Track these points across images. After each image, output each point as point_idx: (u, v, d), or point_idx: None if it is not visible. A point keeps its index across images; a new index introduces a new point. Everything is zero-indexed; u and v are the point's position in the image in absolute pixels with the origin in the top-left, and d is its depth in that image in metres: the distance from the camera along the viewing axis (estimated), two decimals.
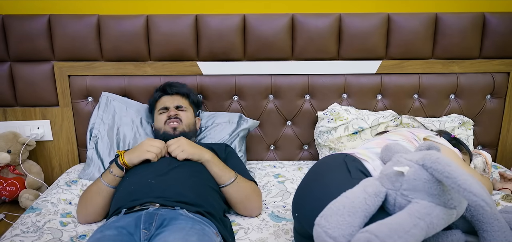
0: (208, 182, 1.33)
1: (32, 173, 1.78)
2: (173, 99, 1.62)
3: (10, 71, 1.78)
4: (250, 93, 1.82)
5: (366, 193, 0.80)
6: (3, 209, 1.73)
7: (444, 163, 0.73)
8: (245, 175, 1.44)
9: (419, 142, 1.29)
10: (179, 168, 1.33)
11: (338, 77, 1.82)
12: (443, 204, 0.76)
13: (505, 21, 1.75)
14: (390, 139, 1.29)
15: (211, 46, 1.76)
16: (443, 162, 0.73)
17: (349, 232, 0.75)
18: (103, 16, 1.73)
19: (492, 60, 1.80)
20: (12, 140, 1.74)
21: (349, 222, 0.76)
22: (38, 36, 1.73)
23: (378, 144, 1.22)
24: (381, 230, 0.70)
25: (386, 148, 1.03)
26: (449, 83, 1.82)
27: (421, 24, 1.75)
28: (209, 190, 1.31)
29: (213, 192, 1.32)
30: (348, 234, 0.75)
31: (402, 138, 1.29)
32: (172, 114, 1.55)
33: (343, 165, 1.08)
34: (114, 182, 1.33)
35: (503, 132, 1.88)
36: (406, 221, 0.72)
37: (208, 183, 1.33)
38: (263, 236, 1.28)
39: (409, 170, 0.80)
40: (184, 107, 1.60)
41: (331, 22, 1.75)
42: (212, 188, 1.33)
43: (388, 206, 0.83)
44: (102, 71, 1.79)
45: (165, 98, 1.62)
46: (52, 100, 1.82)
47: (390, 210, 0.83)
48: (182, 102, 1.61)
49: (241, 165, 1.49)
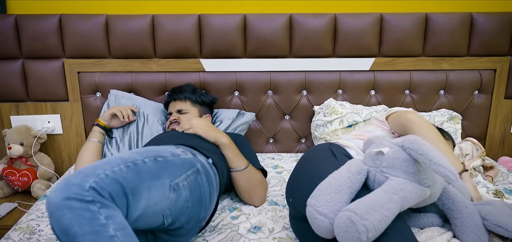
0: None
1: (44, 164, 1.86)
2: (175, 104, 1.71)
3: (23, 68, 1.86)
4: (250, 89, 1.90)
5: (350, 172, 0.89)
6: (16, 198, 1.82)
7: (419, 143, 0.82)
8: (256, 164, 1.52)
9: (385, 123, 1.39)
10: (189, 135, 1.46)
11: (333, 74, 1.90)
12: (418, 181, 0.85)
13: (492, 21, 1.83)
14: (366, 129, 1.40)
15: (213, 44, 1.84)
16: (419, 142, 0.83)
17: (337, 208, 0.84)
18: (111, 16, 1.81)
19: (479, 58, 1.88)
20: (24, 133, 1.82)
21: (336, 199, 0.85)
22: (50, 35, 1.81)
23: (357, 135, 1.33)
24: (359, 207, 0.79)
25: (369, 140, 1.12)
26: (439, 79, 1.90)
27: (412, 23, 1.83)
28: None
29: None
30: (336, 209, 0.84)
31: (375, 126, 1.41)
32: (172, 119, 1.66)
33: (329, 151, 1.17)
34: (99, 136, 1.64)
35: (490, 125, 1.97)
36: (382, 196, 0.81)
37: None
38: (262, 220, 1.37)
39: (389, 150, 0.89)
40: (184, 110, 1.68)
41: (327, 21, 1.83)
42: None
43: (369, 182, 0.93)
44: (110, 68, 1.87)
45: (171, 104, 1.74)
46: (62, 96, 1.90)
47: (371, 186, 0.92)
48: (182, 106, 1.69)
49: (253, 155, 1.57)
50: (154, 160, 0.97)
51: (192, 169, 1.10)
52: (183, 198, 1.02)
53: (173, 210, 0.98)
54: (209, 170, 1.21)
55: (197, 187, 1.09)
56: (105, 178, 0.78)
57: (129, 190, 0.82)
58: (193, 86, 1.76)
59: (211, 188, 1.18)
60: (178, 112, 1.67)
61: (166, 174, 0.97)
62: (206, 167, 1.20)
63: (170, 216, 0.99)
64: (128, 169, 0.86)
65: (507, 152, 2.01)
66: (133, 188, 0.84)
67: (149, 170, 0.92)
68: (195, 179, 1.09)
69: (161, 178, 0.94)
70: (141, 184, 0.86)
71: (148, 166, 0.92)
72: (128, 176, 0.84)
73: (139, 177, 0.87)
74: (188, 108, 1.68)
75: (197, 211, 1.10)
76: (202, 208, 1.12)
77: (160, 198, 0.92)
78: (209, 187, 1.16)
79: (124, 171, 0.84)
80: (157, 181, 0.92)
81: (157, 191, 0.91)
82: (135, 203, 0.83)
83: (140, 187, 0.86)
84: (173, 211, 0.98)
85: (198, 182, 1.10)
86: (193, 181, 1.08)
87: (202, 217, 1.14)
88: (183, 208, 1.02)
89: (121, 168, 0.84)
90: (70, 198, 0.73)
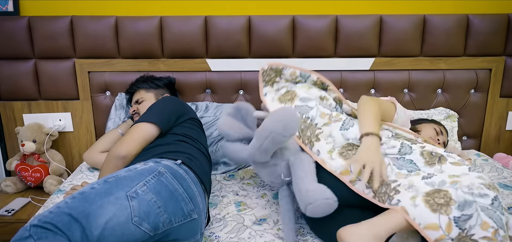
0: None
1: (55, 161, 1.92)
2: (133, 98, 1.78)
3: (35, 68, 1.92)
4: (255, 88, 1.92)
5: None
6: (29, 193, 1.89)
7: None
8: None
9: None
10: None
11: (335, 73, 1.96)
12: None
13: (487, 22, 1.89)
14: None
15: (219, 45, 1.90)
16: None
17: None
18: (121, 17, 1.87)
19: (475, 58, 1.94)
20: (37, 131, 1.88)
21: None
22: (61, 35, 1.87)
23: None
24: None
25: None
26: (436, 79, 1.96)
27: (410, 25, 1.89)
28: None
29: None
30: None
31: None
32: (131, 112, 1.73)
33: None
34: (125, 129, 1.75)
35: (486, 123, 2.03)
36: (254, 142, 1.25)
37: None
38: (267, 212, 1.44)
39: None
40: (140, 99, 1.73)
41: (329, 23, 1.89)
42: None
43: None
44: (119, 68, 1.93)
45: (132, 100, 1.80)
46: (73, 95, 1.96)
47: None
48: (138, 96, 1.74)
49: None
50: (103, 181, 1.06)
51: (151, 174, 1.12)
52: (147, 201, 1.04)
53: (141, 215, 1.01)
54: (176, 169, 1.21)
55: (163, 187, 1.10)
56: (48, 214, 0.92)
57: (79, 214, 0.93)
58: (145, 76, 1.81)
59: (184, 183, 1.18)
60: (136, 103, 1.73)
61: (118, 189, 1.03)
62: (172, 167, 1.20)
63: (145, 222, 1.02)
64: (73, 199, 0.98)
65: (502, 148, 2.07)
66: (83, 211, 0.94)
67: (97, 192, 1.01)
68: (158, 180, 1.11)
69: (114, 193, 1.02)
70: (91, 205, 0.96)
71: (96, 190, 1.02)
72: (74, 204, 0.96)
73: (86, 201, 0.97)
74: (143, 96, 1.73)
75: (176, 206, 1.11)
76: (182, 202, 1.13)
77: (118, 209, 0.99)
78: (180, 183, 1.17)
79: (69, 202, 0.96)
80: (110, 197, 1.00)
81: (112, 205, 0.99)
82: (91, 222, 0.93)
83: (91, 207, 0.96)
84: (142, 215, 1.01)
85: (163, 182, 1.12)
86: (156, 183, 1.10)
87: (188, 210, 1.14)
88: (152, 209, 1.04)
89: (66, 201, 0.97)
90: (15, 240, 0.88)
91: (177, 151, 1.33)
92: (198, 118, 1.65)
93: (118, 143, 1.38)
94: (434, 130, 1.63)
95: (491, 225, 0.97)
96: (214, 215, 1.43)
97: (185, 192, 1.16)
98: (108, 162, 1.33)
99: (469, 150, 2.03)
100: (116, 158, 1.32)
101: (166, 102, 1.54)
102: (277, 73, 1.64)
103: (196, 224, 1.17)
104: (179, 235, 1.12)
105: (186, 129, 1.49)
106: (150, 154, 1.32)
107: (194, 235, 1.18)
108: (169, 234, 1.10)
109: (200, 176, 1.30)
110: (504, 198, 1.48)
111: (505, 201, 1.45)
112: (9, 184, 1.89)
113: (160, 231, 1.06)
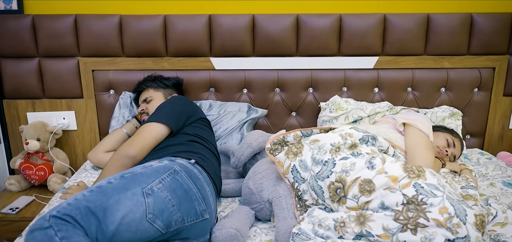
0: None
1: (59, 159, 1.92)
2: (141, 96, 1.79)
3: (39, 66, 1.92)
4: (258, 86, 1.96)
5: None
6: (33, 191, 1.89)
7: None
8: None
9: (400, 127, 1.51)
10: None
11: (338, 72, 1.96)
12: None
13: (491, 21, 1.89)
14: (378, 128, 1.47)
15: (223, 43, 1.90)
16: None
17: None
18: (125, 16, 1.87)
19: (479, 57, 1.95)
20: (41, 129, 1.88)
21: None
22: (65, 34, 1.87)
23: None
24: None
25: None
26: (440, 77, 1.96)
27: (414, 23, 1.89)
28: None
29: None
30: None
31: (388, 125, 1.51)
32: (140, 110, 1.74)
33: None
34: (130, 128, 1.74)
35: (489, 122, 2.03)
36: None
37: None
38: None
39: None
40: (149, 97, 1.73)
41: (332, 21, 1.89)
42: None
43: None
44: (123, 66, 1.93)
45: (139, 99, 1.80)
46: (76, 93, 1.96)
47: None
48: (146, 95, 1.75)
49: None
50: (120, 177, 1.06)
51: (167, 172, 1.12)
52: (162, 198, 1.04)
53: (156, 213, 1.02)
54: (191, 168, 1.21)
55: (178, 185, 1.11)
56: (67, 206, 0.92)
57: (96, 208, 0.94)
58: (153, 75, 1.82)
59: (198, 183, 1.19)
60: (145, 102, 1.73)
61: (135, 185, 1.04)
62: (187, 166, 1.21)
63: (159, 219, 1.02)
64: (91, 192, 0.98)
65: (505, 147, 2.07)
66: (101, 205, 0.95)
67: (115, 187, 1.01)
68: (173, 179, 1.12)
69: (130, 189, 1.02)
70: (108, 200, 0.97)
71: (113, 184, 1.02)
72: (92, 197, 0.96)
73: (104, 195, 0.97)
74: (151, 95, 1.74)
75: (190, 205, 1.12)
76: (195, 202, 1.14)
77: (134, 206, 0.99)
78: (194, 182, 1.17)
79: (87, 195, 0.96)
80: (127, 192, 1.01)
81: (129, 200, 0.99)
82: (108, 216, 0.94)
83: (109, 202, 0.96)
84: (156, 213, 1.02)
85: (178, 181, 1.12)
86: (171, 181, 1.10)
87: (201, 210, 1.14)
88: (166, 207, 1.04)
89: (84, 194, 0.97)
90: (33, 230, 0.88)
91: (190, 151, 1.33)
92: (207, 118, 1.67)
93: (127, 142, 1.37)
94: (446, 140, 1.60)
95: (449, 211, 0.99)
96: (219, 212, 1.43)
97: (199, 191, 1.17)
98: (115, 160, 1.32)
99: (473, 149, 2.03)
100: (125, 157, 1.32)
101: (176, 102, 1.54)
102: (282, 144, 1.42)
103: (207, 224, 1.18)
104: (189, 234, 1.13)
105: (197, 129, 1.50)
106: (164, 153, 1.32)
107: (204, 234, 1.18)
108: (180, 232, 1.10)
109: (212, 176, 1.30)
110: (508, 196, 1.48)
111: (510, 199, 1.45)
112: (13, 183, 1.90)
113: (172, 229, 1.07)
